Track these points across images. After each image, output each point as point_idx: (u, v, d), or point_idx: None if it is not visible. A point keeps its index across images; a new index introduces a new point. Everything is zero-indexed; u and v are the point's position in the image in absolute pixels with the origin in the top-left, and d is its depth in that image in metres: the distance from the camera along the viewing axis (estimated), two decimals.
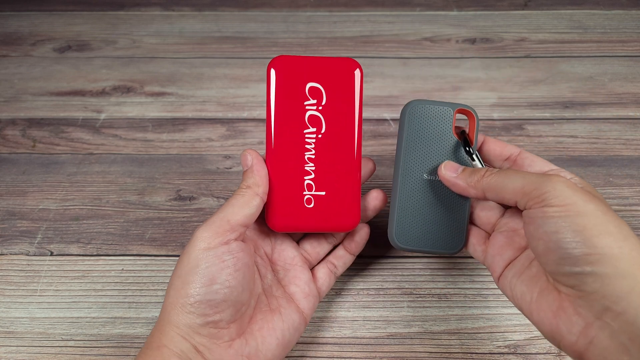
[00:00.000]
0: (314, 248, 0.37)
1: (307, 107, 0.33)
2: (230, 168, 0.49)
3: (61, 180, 0.48)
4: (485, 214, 0.35)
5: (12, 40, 0.64)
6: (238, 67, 0.60)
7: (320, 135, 0.33)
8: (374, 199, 0.36)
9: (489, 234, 0.34)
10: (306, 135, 0.33)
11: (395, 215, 0.34)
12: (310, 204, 0.33)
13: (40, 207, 0.46)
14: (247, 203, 0.31)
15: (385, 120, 0.53)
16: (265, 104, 0.42)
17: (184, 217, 0.45)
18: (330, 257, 0.37)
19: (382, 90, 0.56)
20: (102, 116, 0.54)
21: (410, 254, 0.42)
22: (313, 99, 0.33)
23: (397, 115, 0.54)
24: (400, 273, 0.41)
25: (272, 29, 0.65)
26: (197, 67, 0.60)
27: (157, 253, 0.43)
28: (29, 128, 0.53)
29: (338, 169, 0.33)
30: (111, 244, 0.43)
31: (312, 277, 0.35)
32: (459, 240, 0.34)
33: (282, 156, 0.33)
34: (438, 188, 0.34)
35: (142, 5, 0.69)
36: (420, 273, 0.41)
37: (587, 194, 0.26)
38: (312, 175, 0.33)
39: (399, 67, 0.59)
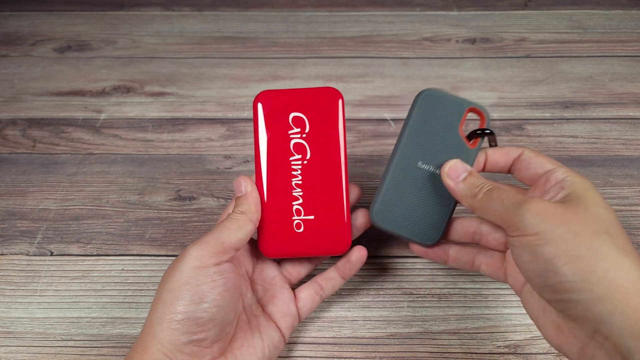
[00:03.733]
0: (295, 267, 0.37)
1: (291, 136, 0.34)
2: (230, 168, 0.49)
3: (61, 180, 0.48)
4: (493, 236, 0.34)
5: (12, 40, 0.64)
6: (238, 67, 0.60)
7: (305, 162, 0.34)
8: (359, 217, 0.36)
9: (503, 254, 0.34)
10: (292, 162, 0.34)
11: (381, 193, 0.34)
12: (300, 228, 0.34)
13: (40, 207, 0.46)
14: (242, 228, 0.31)
15: (385, 120, 0.53)
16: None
17: (184, 217, 0.45)
18: (319, 278, 0.36)
19: (382, 90, 0.56)
20: (102, 116, 0.54)
21: (410, 254, 0.42)
22: (297, 128, 0.34)
23: (397, 115, 0.54)
24: (400, 273, 0.41)
25: (272, 29, 0.65)
26: (197, 67, 0.60)
27: (157, 253, 0.43)
28: (29, 128, 0.53)
29: (325, 193, 0.34)
30: (111, 244, 0.43)
31: (294, 297, 0.35)
32: (436, 233, 0.34)
33: (270, 183, 0.34)
34: (430, 179, 0.34)
35: (142, 5, 0.69)
36: (420, 273, 0.41)
37: (560, 214, 0.25)
38: (300, 200, 0.34)
39: (399, 67, 0.59)
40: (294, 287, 0.36)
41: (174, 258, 0.42)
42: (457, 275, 0.41)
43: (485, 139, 0.35)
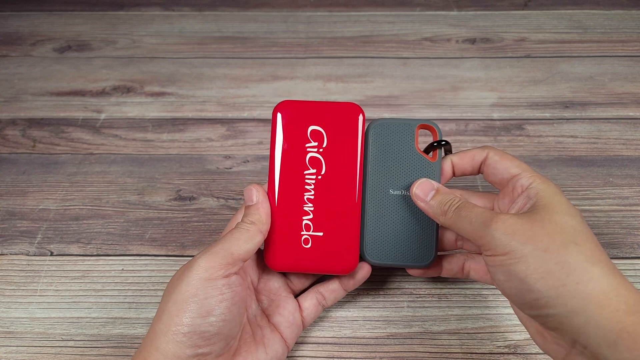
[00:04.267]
0: (299, 279, 0.36)
1: (308, 149, 0.34)
2: (230, 168, 0.49)
3: (61, 180, 0.48)
4: (472, 245, 0.35)
5: (12, 40, 0.64)
6: (238, 67, 0.60)
7: (320, 177, 0.34)
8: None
9: None
10: (306, 176, 0.34)
11: (365, 232, 0.34)
12: (307, 244, 0.33)
13: (40, 207, 0.46)
14: (251, 239, 0.31)
15: None
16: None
17: (184, 217, 0.45)
18: (321, 288, 0.36)
19: (382, 90, 0.56)
20: (102, 116, 0.54)
21: None
22: (314, 142, 0.34)
23: (397, 115, 0.54)
24: (400, 273, 0.41)
25: (272, 29, 0.65)
26: (197, 67, 0.60)
27: (157, 253, 0.43)
28: (29, 128, 0.53)
29: (337, 211, 0.33)
30: (111, 244, 0.43)
31: (298, 307, 0.35)
32: (429, 252, 0.35)
33: (282, 195, 0.34)
34: (405, 202, 0.35)
35: (142, 5, 0.69)
36: None
37: (527, 230, 0.25)
38: (311, 216, 0.33)
39: (399, 67, 0.59)
40: (296, 295, 0.36)
41: (174, 258, 0.42)
42: None
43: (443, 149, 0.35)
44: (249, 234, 0.31)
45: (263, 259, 0.35)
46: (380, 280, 0.40)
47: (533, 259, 0.25)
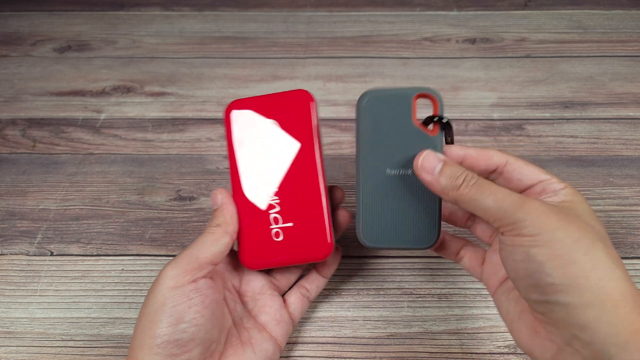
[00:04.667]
0: (283, 274, 0.36)
1: (263, 143, 0.33)
2: None
3: (61, 180, 0.48)
4: (481, 227, 0.34)
5: (12, 40, 0.64)
6: (238, 67, 0.60)
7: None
8: (339, 217, 0.35)
9: (484, 252, 0.34)
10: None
11: (360, 215, 0.32)
12: (279, 237, 0.33)
13: (40, 207, 0.46)
14: (217, 241, 0.31)
15: None
16: None
17: (184, 217, 0.45)
18: (302, 281, 0.36)
19: None
20: (102, 116, 0.54)
21: (410, 254, 0.42)
22: (269, 134, 0.33)
23: None
24: (400, 273, 0.41)
25: (272, 29, 0.65)
26: (197, 67, 0.60)
27: (157, 253, 0.43)
28: (29, 128, 0.53)
29: (302, 199, 0.33)
30: (111, 244, 0.43)
31: (284, 304, 0.35)
32: (431, 234, 0.32)
33: (246, 194, 0.33)
34: (404, 182, 0.31)
35: (142, 5, 0.69)
36: (420, 273, 0.41)
37: (561, 219, 0.25)
38: (278, 209, 0.33)
39: (399, 67, 0.59)
40: (284, 294, 0.36)
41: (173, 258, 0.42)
42: (457, 275, 0.41)
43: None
44: (214, 236, 0.31)
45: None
46: (381, 280, 0.40)
47: (561, 246, 0.24)
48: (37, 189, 0.48)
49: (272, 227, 0.33)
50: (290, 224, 0.33)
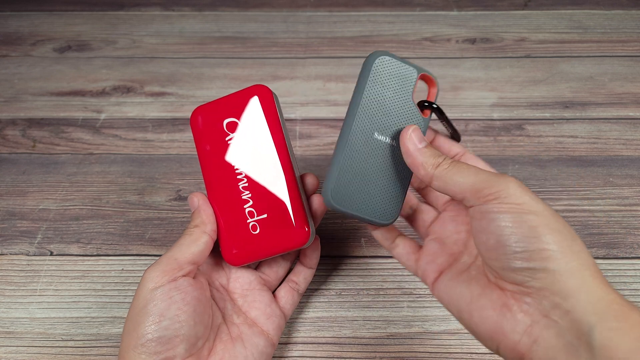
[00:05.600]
0: (272, 268, 0.37)
1: (228, 142, 0.34)
2: None
3: (61, 180, 0.48)
4: (435, 195, 0.36)
5: (12, 40, 0.64)
6: (238, 67, 0.60)
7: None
8: (314, 203, 0.35)
9: (419, 246, 0.34)
10: (235, 168, 0.34)
11: (336, 171, 0.31)
12: (255, 230, 0.33)
13: (40, 207, 0.46)
14: (195, 241, 0.31)
15: None
16: None
17: (184, 217, 0.45)
18: (290, 275, 0.37)
19: None
20: (102, 116, 0.54)
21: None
22: (232, 133, 0.34)
23: None
24: (400, 273, 0.41)
25: (272, 29, 0.65)
26: (197, 67, 0.60)
27: (157, 253, 0.43)
28: (29, 128, 0.53)
29: (273, 190, 0.33)
30: (111, 244, 0.43)
31: (274, 298, 0.35)
32: (394, 211, 0.32)
33: (218, 193, 0.34)
34: (386, 151, 0.32)
35: (142, 5, 0.69)
36: None
37: (536, 196, 0.26)
38: (251, 202, 0.33)
39: None
40: (274, 290, 0.36)
41: None
42: None
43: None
44: (192, 237, 0.32)
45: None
46: (381, 280, 0.40)
47: (545, 216, 0.25)
48: (37, 189, 0.48)
49: (248, 221, 0.33)
50: (264, 216, 0.33)
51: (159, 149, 0.51)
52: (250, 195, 0.33)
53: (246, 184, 0.33)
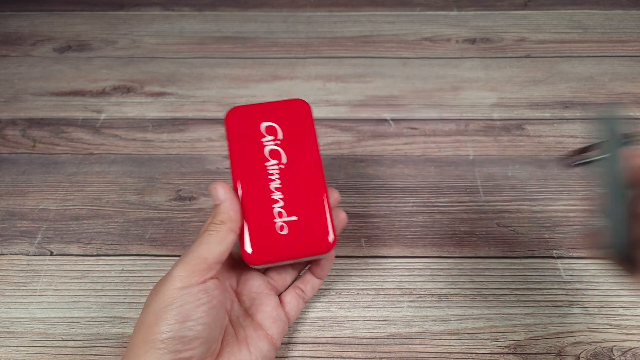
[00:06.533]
0: (280, 275, 0.36)
1: (265, 143, 0.34)
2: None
3: (61, 180, 0.48)
4: None
5: (12, 40, 0.64)
6: (238, 67, 0.60)
7: (282, 166, 0.34)
8: (339, 215, 0.35)
9: None
10: (268, 167, 0.34)
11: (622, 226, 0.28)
12: (283, 230, 0.33)
13: (40, 207, 0.46)
14: (223, 240, 0.30)
15: (385, 120, 0.53)
16: None
17: (184, 217, 0.45)
18: (298, 282, 0.37)
19: (382, 90, 0.56)
20: (102, 116, 0.54)
21: (410, 254, 0.42)
22: (270, 136, 0.35)
23: (396, 115, 0.54)
24: (400, 273, 0.41)
25: (272, 29, 0.65)
26: (197, 67, 0.60)
27: (157, 253, 0.43)
28: (29, 128, 0.53)
29: (305, 194, 0.33)
30: (111, 244, 0.43)
31: (280, 303, 0.35)
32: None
33: (248, 189, 0.33)
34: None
35: (142, 5, 0.69)
36: (420, 273, 0.41)
37: None
38: (282, 203, 0.33)
39: (399, 67, 0.59)
40: (280, 294, 0.36)
41: (174, 258, 0.42)
42: (457, 275, 0.41)
43: None
44: (219, 235, 0.30)
45: (239, 261, 0.35)
46: (381, 280, 0.40)
47: None
48: (37, 189, 0.48)
49: (276, 220, 0.33)
50: (294, 218, 0.33)
51: (159, 149, 0.51)
52: (281, 196, 0.33)
53: (278, 185, 0.33)
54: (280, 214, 0.33)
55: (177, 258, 0.42)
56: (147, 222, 0.45)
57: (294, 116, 0.35)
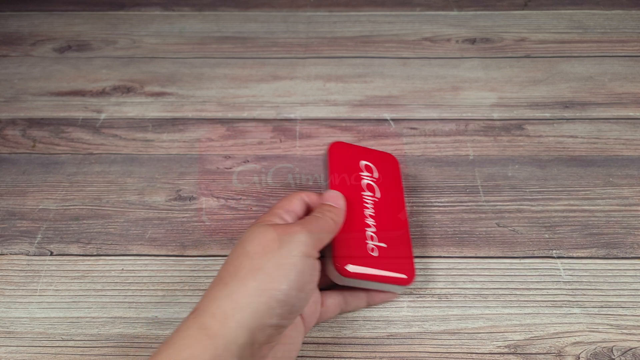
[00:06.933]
0: (354, 296, 0.37)
1: (362, 176, 0.39)
2: (230, 168, 0.49)
3: (61, 180, 0.48)
4: None
5: (12, 40, 0.64)
6: (238, 67, 0.60)
7: (376, 199, 0.38)
8: None
9: None
10: (364, 197, 0.38)
11: None
12: (374, 252, 0.35)
13: (40, 207, 0.46)
14: (331, 234, 0.32)
15: (385, 120, 0.53)
16: None
17: (184, 217, 0.45)
18: (347, 293, 0.37)
19: (382, 90, 0.56)
20: (102, 116, 0.54)
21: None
22: (367, 172, 0.40)
23: (396, 115, 0.54)
24: None
25: (272, 29, 0.65)
26: (197, 67, 0.60)
27: (157, 253, 0.43)
28: (29, 128, 0.53)
29: (394, 228, 0.37)
30: (111, 244, 0.43)
31: (321, 300, 0.35)
32: None
33: (347, 208, 0.36)
34: None
35: (142, 5, 0.69)
36: (420, 273, 0.41)
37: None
38: (374, 229, 0.36)
39: (399, 67, 0.59)
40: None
41: (174, 258, 0.42)
42: (457, 275, 0.41)
43: None
44: (331, 228, 0.32)
45: None
46: None
47: None
48: (37, 189, 0.48)
49: (367, 242, 0.35)
50: (384, 245, 0.36)
51: (159, 149, 0.51)
52: (374, 223, 0.37)
53: (372, 213, 0.37)
54: (372, 238, 0.36)
55: (177, 258, 0.42)
56: (147, 222, 0.45)
57: (387, 164, 0.41)
